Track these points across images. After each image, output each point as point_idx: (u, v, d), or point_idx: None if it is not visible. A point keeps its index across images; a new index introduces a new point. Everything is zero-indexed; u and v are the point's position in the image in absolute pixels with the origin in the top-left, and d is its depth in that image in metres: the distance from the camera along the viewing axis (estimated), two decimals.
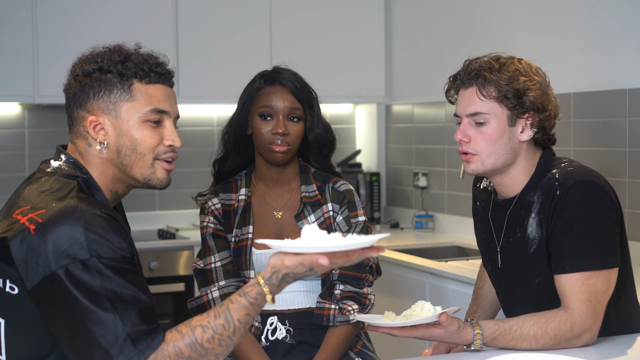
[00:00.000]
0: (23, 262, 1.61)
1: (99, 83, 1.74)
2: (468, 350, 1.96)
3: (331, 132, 2.45)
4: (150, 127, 1.76)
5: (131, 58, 1.76)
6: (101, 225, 1.63)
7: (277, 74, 2.39)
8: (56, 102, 4.23)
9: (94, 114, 1.75)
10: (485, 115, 2.03)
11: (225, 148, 2.45)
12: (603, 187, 1.99)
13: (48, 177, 1.72)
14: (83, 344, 1.58)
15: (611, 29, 3.37)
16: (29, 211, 1.64)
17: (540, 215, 2.02)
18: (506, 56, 2.08)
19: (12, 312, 1.66)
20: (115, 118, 1.75)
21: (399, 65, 4.80)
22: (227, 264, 2.36)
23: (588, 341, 1.96)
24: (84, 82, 1.75)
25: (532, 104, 2.02)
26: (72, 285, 1.58)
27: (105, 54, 1.78)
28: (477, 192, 2.27)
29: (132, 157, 1.76)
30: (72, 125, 1.79)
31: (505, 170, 2.07)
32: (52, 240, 1.60)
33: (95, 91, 1.74)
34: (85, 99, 1.75)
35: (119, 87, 1.75)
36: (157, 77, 1.78)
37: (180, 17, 4.37)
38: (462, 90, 2.08)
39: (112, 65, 1.75)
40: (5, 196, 4.15)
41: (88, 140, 1.76)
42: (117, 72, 1.74)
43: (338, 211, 2.40)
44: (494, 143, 2.03)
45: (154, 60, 1.78)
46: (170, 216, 4.68)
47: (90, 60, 1.77)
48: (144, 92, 1.76)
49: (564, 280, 1.97)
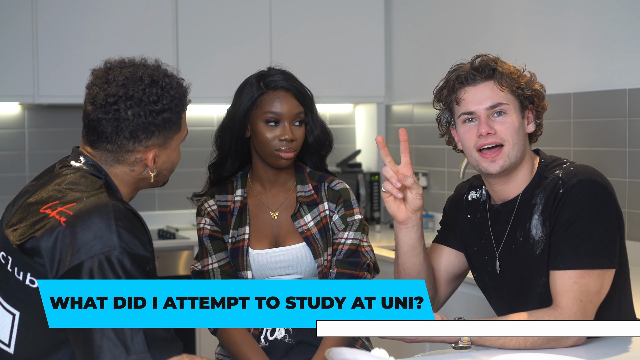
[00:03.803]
0: (50, 254, 1.63)
1: (164, 123, 1.79)
2: (456, 348, 1.96)
3: (328, 133, 2.45)
4: (180, 147, 1.89)
5: (183, 93, 1.84)
6: (131, 222, 1.68)
7: (278, 77, 2.36)
8: (56, 102, 4.23)
9: (153, 150, 1.80)
10: (506, 106, 2.04)
11: (222, 153, 2.43)
12: (606, 188, 1.99)
13: (73, 173, 1.76)
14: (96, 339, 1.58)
15: (611, 29, 3.37)
16: (59, 205, 1.68)
17: (543, 215, 2.01)
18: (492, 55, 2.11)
19: (29, 305, 1.68)
20: (166, 149, 1.83)
21: (399, 65, 4.80)
22: (224, 265, 2.36)
23: (577, 341, 1.95)
24: (147, 121, 1.77)
25: (537, 94, 2.07)
26: (99, 277, 1.60)
27: (164, 88, 1.80)
28: (464, 204, 2.24)
29: (167, 175, 1.89)
30: (115, 152, 1.80)
31: (515, 168, 2.07)
32: (82, 232, 1.62)
33: (160, 130, 1.79)
34: (148, 137, 1.79)
35: (176, 124, 1.82)
36: (187, 103, 1.88)
37: (180, 17, 4.37)
38: (471, 87, 2.05)
39: (174, 103, 1.80)
40: (6, 196, 4.19)
41: (134, 167, 1.81)
42: (176, 111, 1.81)
43: (334, 210, 2.40)
44: (516, 133, 2.04)
45: (186, 91, 1.86)
46: (170, 216, 4.68)
47: (150, 98, 1.78)
48: (184, 120, 1.86)
49: (557, 277, 1.96)
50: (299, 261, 2.37)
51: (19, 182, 4.29)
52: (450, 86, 2.09)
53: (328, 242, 2.38)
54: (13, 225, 1.72)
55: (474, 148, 2.05)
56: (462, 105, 2.06)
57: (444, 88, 2.11)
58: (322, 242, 2.37)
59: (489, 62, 2.06)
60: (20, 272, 1.68)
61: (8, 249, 1.72)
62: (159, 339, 1.60)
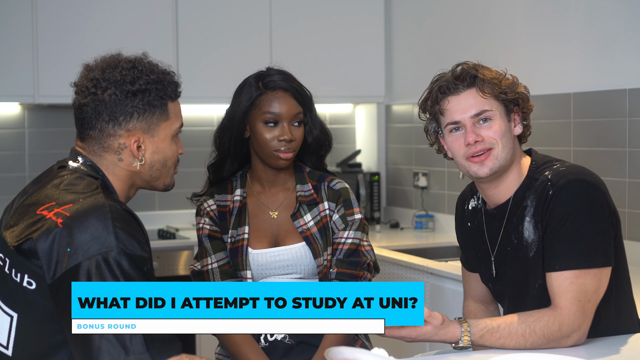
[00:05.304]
0: (47, 255, 1.63)
1: (143, 105, 1.79)
2: (456, 348, 1.96)
3: (328, 133, 2.45)
4: (174, 141, 1.87)
5: (166, 79, 1.83)
6: (128, 222, 1.68)
7: (277, 78, 2.36)
8: (56, 102, 4.23)
9: (136, 134, 1.79)
10: (491, 112, 2.04)
11: (221, 153, 2.42)
12: (596, 185, 1.99)
13: (70, 174, 1.76)
14: (94, 340, 1.59)
15: (611, 29, 3.37)
16: (55, 206, 1.68)
17: (535, 217, 2.02)
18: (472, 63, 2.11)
19: (26, 307, 1.68)
20: (153, 137, 1.82)
21: (399, 65, 4.80)
22: (223, 265, 2.36)
23: (577, 341, 1.95)
24: (124, 102, 1.77)
25: (520, 97, 2.07)
26: (97, 278, 1.60)
27: (142, 71, 1.80)
28: (466, 214, 2.26)
29: (162, 170, 1.86)
30: (99, 138, 1.80)
31: (505, 171, 2.07)
32: (79, 233, 1.62)
33: (140, 112, 1.79)
34: (127, 119, 1.78)
35: (159, 109, 1.81)
36: (177, 94, 1.88)
37: (180, 16, 4.37)
38: (454, 97, 2.06)
39: (153, 86, 1.80)
40: (6, 196, 4.19)
41: (121, 155, 1.80)
42: (157, 95, 1.81)
43: (334, 210, 2.40)
44: (504, 136, 2.04)
45: (171, 78, 1.86)
46: (170, 216, 4.69)
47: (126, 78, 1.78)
48: (173, 110, 1.85)
49: (553, 278, 1.96)
50: (298, 261, 2.37)
51: (19, 182, 4.29)
52: (433, 97, 2.09)
53: (328, 241, 2.38)
54: (10, 226, 1.72)
55: (463, 157, 2.06)
56: (447, 116, 2.07)
57: (427, 99, 2.11)
58: (322, 241, 2.37)
59: (470, 69, 2.06)
60: (17, 274, 1.68)
61: (5, 250, 1.71)
62: (157, 339, 1.60)
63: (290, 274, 2.38)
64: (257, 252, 2.36)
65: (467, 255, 2.28)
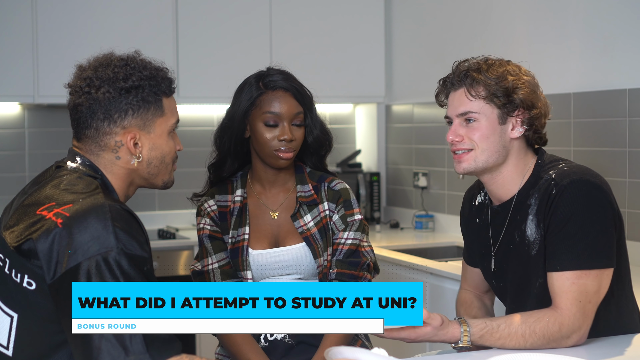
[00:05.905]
0: (47, 255, 1.63)
1: (137, 101, 1.79)
2: (456, 348, 1.96)
3: (328, 133, 2.45)
4: (172, 137, 1.87)
5: (159, 75, 1.83)
6: (128, 222, 1.68)
7: (277, 78, 2.36)
8: (56, 102, 4.23)
9: (132, 131, 1.79)
10: (475, 114, 2.05)
11: (221, 153, 2.43)
12: (600, 187, 1.98)
13: (69, 174, 1.76)
14: (94, 340, 1.59)
15: (611, 29, 3.37)
16: (55, 207, 1.68)
17: (537, 216, 2.02)
18: (495, 58, 2.10)
19: (26, 308, 1.68)
20: (149, 133, 1.82)
21: (399, 65, 4.80)
22: (224, 265, 2.36)
23: (577, 342, 1.95)
24: (119, 99, 1.78)
25: (522, 101, 2.04)
26: (97, 278, 1.60)
27: (134, 68, 1.80)
28: (474, 210, 2.26)
29: (160, 167, 1.86)
30: (95, 137, 1.80)
31: (497, 169, 2.08)
32: (79, 233, 1.62)
33: (135, 109, 1.79)
34: (122, 116, 1.78)
35: (154, 105, 1.81)
36: (172, 90, 1.87)
37: (180, 17, 4.37)
38: (452, 93, 2.10)
39: (146, 82, 1.80)
40: (6, 196, 4.19)
41: (118, 153, 1.80)
42: (151, 91, 1.80)
43: (334, 210, 2.40)
44: (486, 139, 2.05)
45: (165, 74, 1.86)
46: (170, 216, 4.69)
47: (119, 75, 1.78)
48: (168, 106, 1.85)
49: (554, 278, 1.96)
50: (298, 261, 2.37)
51: (19, 182, 4.29)
52: (440, 89, 2.15)
53: (328, 242, 2.38)
54: (10, 227, 1.72)
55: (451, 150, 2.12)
56: (446, 109, 2.12)
57: (440, 92, 2.16)
58: (322, 242, 2.37)
59: (469, 67, 2.07)
60: (17, 274, 1.68)
61: (5, 251, 1.71)
62: (157, 340, 1.60)
63: (291, 275, 2.38)
64: (258, 252, 2.37)
65: (472, 252, 2.29)
